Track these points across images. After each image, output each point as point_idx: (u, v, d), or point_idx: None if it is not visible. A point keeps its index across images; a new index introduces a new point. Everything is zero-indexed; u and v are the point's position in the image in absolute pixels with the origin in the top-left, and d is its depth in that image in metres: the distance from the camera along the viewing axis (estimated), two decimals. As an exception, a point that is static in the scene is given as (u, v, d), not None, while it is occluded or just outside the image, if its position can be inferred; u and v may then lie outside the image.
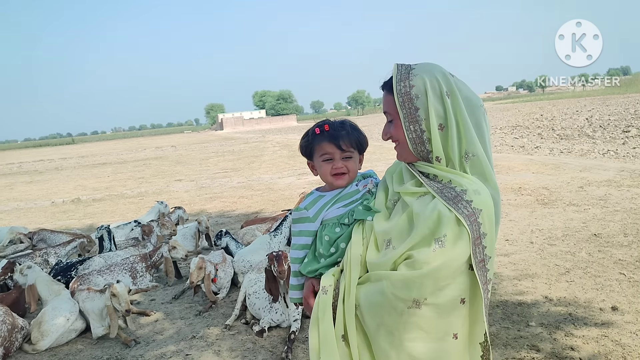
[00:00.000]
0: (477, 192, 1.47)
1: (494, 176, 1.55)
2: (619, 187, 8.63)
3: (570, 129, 19.93)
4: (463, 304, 1.47)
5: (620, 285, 4.60)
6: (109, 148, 53.56)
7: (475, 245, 1.44)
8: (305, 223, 1.84)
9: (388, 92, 1.60)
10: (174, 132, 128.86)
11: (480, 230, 1.45)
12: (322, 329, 1.60)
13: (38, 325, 4.28)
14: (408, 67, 1.56)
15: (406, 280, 1.43)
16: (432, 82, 1.50)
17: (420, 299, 1.42)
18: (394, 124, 1.60)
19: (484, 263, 1.46)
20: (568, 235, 6.20)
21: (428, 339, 1.47)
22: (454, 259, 1.42)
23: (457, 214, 1.43)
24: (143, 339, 4.39)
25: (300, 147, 1.90)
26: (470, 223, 1.43)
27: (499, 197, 1.55)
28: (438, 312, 1.44)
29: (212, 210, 10.46)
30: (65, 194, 15.71)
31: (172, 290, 5.60)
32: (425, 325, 1.45)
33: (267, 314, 4.34)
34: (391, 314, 1.47)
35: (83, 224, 10.22)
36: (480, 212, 1.44)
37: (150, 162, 26.54)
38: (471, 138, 1.51)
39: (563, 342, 3.68)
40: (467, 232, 1.42)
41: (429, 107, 1.50)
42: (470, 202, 1.44)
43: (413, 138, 1.56)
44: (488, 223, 1.46)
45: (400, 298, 1.44)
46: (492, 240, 1.48)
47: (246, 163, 20.74)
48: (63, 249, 6.62)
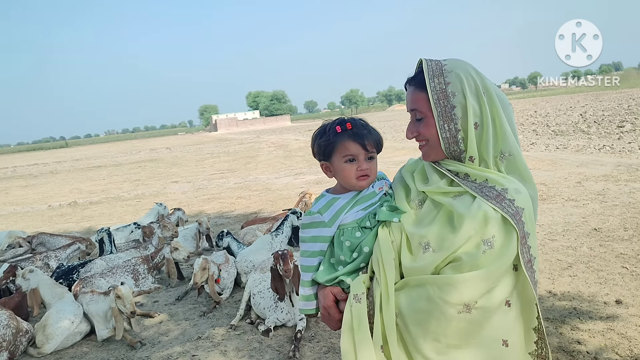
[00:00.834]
0: (517, 190, 1.42)
1: (531, 175, 1.51)
2: (616, 182, 8.67)
3: (564, 125, 20.02)
4: (509, 306, 1.41)
5: (623, 278, 4.63)
6: (103, 151, 53.33)
7: (522, 245, 1.39)
8: (319, 228, 1.69)
9: (417, 88, 1.52)
10: (168, 134, 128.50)
11: (525, 230, 1.40)
12: (359, 341, 1.49)
13: (43, 329, 4.26)
14: (439, 62, 1.50)
15: (456, 284, 1.36)
16: (468, 79, 1.45)
17: (471, 303, 1.36)
18: (424, 122, 1.53)
19: (531, 264, 1.42)
20: (568, 230, 6.23)
21: (476, 345, 1.41)
22: (505, 260, 1.38)
23: (503, 213, 1.38)
24: (148, 340, 4.38)
25: (318, 146, 1.73)
26: (517, 222, 1.38)
27: (536, 196, 1.51)
28: (487, 316, 1.38)
29: (211, 211, 10.44)
30: (61, 198, 15.64)
31: (175, 291, 5.59)
32: (475, 330, 1.39)
33: (273, 314, 4.33)
34: (440, 320, 1.39)
35: (81, 227, 10.18)
36: (523, 210, 1.40)
37: (146, 165, 26.46)
38: (508, 137, 1.47)
39: (569, 336, 3.70)
40: (516, 231, 1.38)
41: (467, 106, 1.45)
42: (513, 201, 1.40)
43: (447, 137, 1.49)
44: (530, 222, 1.42)
45: (450, 303, 1.37)
46: (535, 239, 1.43)
47: (242, 164, 20.71)
48: (63, 252, 6.59)
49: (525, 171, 1.50)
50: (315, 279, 1.70)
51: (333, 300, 1.64)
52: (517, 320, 1.44)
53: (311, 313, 1.77)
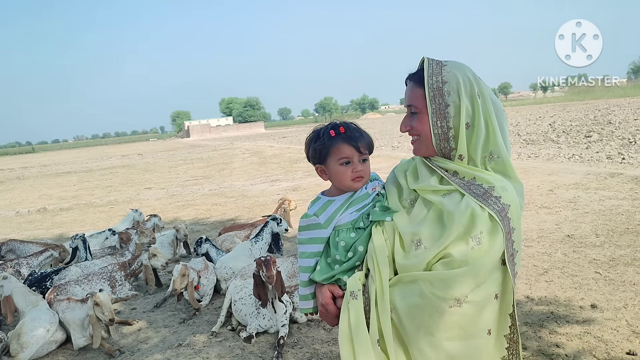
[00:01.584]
0: (504, 188, 1.50)
1: (517, 175, 1.59)
2: (586, 190, 8.91)
3: (535, 134, 20.48)
4: (496, 299, 1.49)
5: (597, 283, 4.75)
6: (73, 157, 52.24)
7: (507, 239, 1.46)
8: (315, 230, 1.76)
9: (415, 84, 1.58)
10: (139, 140, 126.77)
11: (510, 225, 1.47)
12: (356, 336, 1.55)
13: (17, 337, 4.14)
14: (439, 62, 1.56)
15: (447, 280, 1.43)
16: (464, 81, 1.51)
17: (462, 297, 1.43)
18: (417, 117, 1.59)
19: (513, 257, 1.49)
20: (543, 237, 6.37)
21: (465, 337, 1.47)
22: (492, 255, 1.44)
23: (489, 210, 1.45)
24: (127, 348, 4.30)
25: (313, 150, 1.79)
26: (502, 218, 1.45)
27: (523, 192, 1.59)
28: (476, 309, 1.45)
29: (186, 217, 10.33)
30: (29, 204, 15.26)
31: (153, 298, 5.51)
32: (465, 323, 1.45)
33: (254, 320, 4.30)
34: (432, 315, 1.46)
35: (52, 233, 9.94)
36: (509, 207, 1.47)
37: (117, 171, 26.02)
38: (497, 140, 1.53)
39: (548, 339, 3.77)
40: (501, 227, 1.45)
41: (460, 105, 1.51)
42: (500, 198, 1.47)
43: (439, 134, 1.55)
44: (516, 218, 1.49)
45: (442, 298, 1.43)
46: (519, 234, 1.51)
47: (216, 170, 20.55)
48: (35, 259, 6.42)
49: (512, 172, 1.58)
50: (313, 278, 1.77)
51: (330, 297, 1.71)
52: (500, 310, 1.52)
53: (310, 312, 1.83)
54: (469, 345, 1.48)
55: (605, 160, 12.24)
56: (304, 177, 14.79)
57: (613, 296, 4.44)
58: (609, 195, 8.33)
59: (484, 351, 1.50)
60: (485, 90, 1.55)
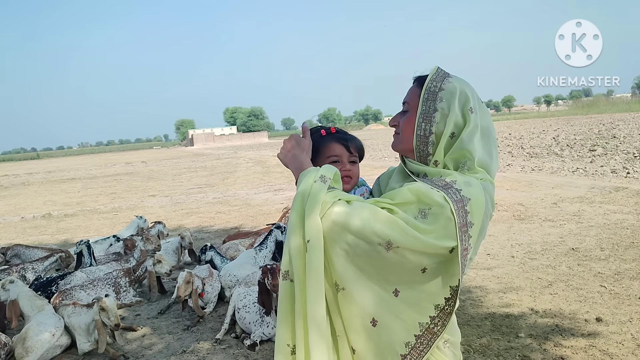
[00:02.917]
0: (467, 183, 1.47)
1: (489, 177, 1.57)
2: (590, 204, 8.90)
3: (539, 148, 20.50)
4: (423, 272, 1.45)
5: (602, 297, 4.75)
6: (77, 163, 52.38)
7: (462, 232, 1.41)
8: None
9: (417, 85, 1.62)
10: (143, 148, 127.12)
11: (467, 219, 1.43)
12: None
13: (22, 341, 4.15)
14: (446, 73, 1.59)
15: (392, 223, 1.39)
16: (461, 94, 1.54)
17: (394, 246, 1.39)
18: (407, 115, 1.61)
19: (466, 252, 1.44)
20: (547, 250, 6.37)
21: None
22: (436, 237, 1.40)
23: (445, 195, 1.42)
24: (132, 354, 4.31)
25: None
26: (457, 209, 1.41)
27: (493, 190, 1.55)
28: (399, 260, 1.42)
29: (190, 225, 10.35)
30: (34, 210, 15.30)
31: (157, 305, 5.52)
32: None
33: (259, 328, 4.31)
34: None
35: (57, 239, 9.97)
36: (469, 200, 1.43)
37: (121, 178, 26.09)
38: (476, 155, 1.53)
39: (553, 352, 3.77)
40: (452, 212, 1.40)
41: (449, 114, 1.52)
42: (460, 191, 1.44)
43: (420, 135, 1.57)
44: (477, 213, 1.44)
45: (378, 235, 1.39)
46: (478, 232, 1.45)
47: (220, 179, 20.59)
48: (41, 264, 6.45)
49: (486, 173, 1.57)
50: None
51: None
52: (426, 290, 1.47)
53: None
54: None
55: (609, 174, 12.24)
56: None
57: (618, 310, 4.44)
58: (613, 209, 8.33)
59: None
60: (480, 109, 1.57)
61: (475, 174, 1.52)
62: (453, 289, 1.48)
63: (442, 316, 1.49)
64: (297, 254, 1.48)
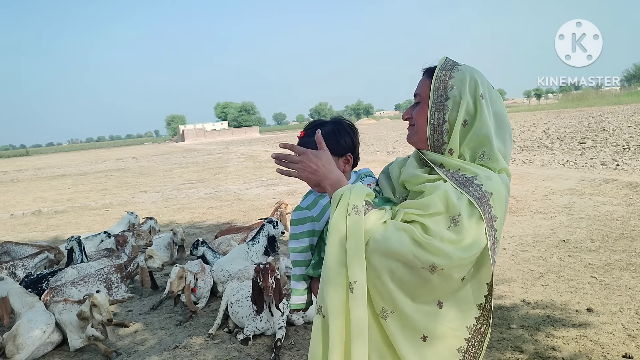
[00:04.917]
0: (488, 177, 1.49)
1: (507, 167, 1.59)
2: (581, 196, 8.96)
3: (529, 141, 20.58)
4: (462, 280, 1.48)
5: (592, 287, 4.78)
6: (67, 160, 51.97)
7: (489, 227, 1.45)
8: (308, 223, 1.78)
9: (428, 77, 1.62)
10: (134, 144, 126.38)
11: (492, 213, 1.46)
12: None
13: (13, 339, 4.12)
14: (455, 62, 1.60)
15: (431, 247, 1.40)
16: (470, 80, 1.54)
17: (438, 268, 1.41)
18: (420, 107, 1.62)
19: (494, 246, 1.48)
20: (538, 242, 6.40)
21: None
22: (476, 242, 1.43)
23: (468, 196, 1.44)
24: (124, 350, 4.29)
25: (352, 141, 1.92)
26: (482, 205, 1.44)
27: (509, 183, 1.58)
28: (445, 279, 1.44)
29: (182, 221, 10.31)
30: (24, 206, 15.18)
31: (149, 300, 5.49)
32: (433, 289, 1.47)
33: (252, 322, 4.30)
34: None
35: (47, 236, 9.90)
36: (491, 195, 1.46)
37: (112, 174, 25.93)
38: (492, 142, 1.53)
39: (545, 342, 3.79)
40: (480, 214, 1.43)
41: (460, 101, 1.53)
42: (481, 186, 1.47)
43: (434, 125, 1.57)
44: (499, 207, 1.48)
45: (420, 260, 1.41)
46: (501, 224, 1.49)
47: (212, 174, 20.53)
48: (31, 261, 6.39)
49: (502, 166, 1.57)
50: (308, 273, 1.79)
51: None
52: (466, 295, 1.51)
53: (301, 307, 1.85)
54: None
55: (599, 166, 12.32)
56: (299, 182, 14.70)
57: (609, 300, 4.47)
58: (603, 201, 8.39)
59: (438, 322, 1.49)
60: (490, 94, 1.57)
61: (494, 164, 1.54)
62: (489, 285, 1.52)
63: (485, 314, 1.54)
64: (336, 294, 1.48)
